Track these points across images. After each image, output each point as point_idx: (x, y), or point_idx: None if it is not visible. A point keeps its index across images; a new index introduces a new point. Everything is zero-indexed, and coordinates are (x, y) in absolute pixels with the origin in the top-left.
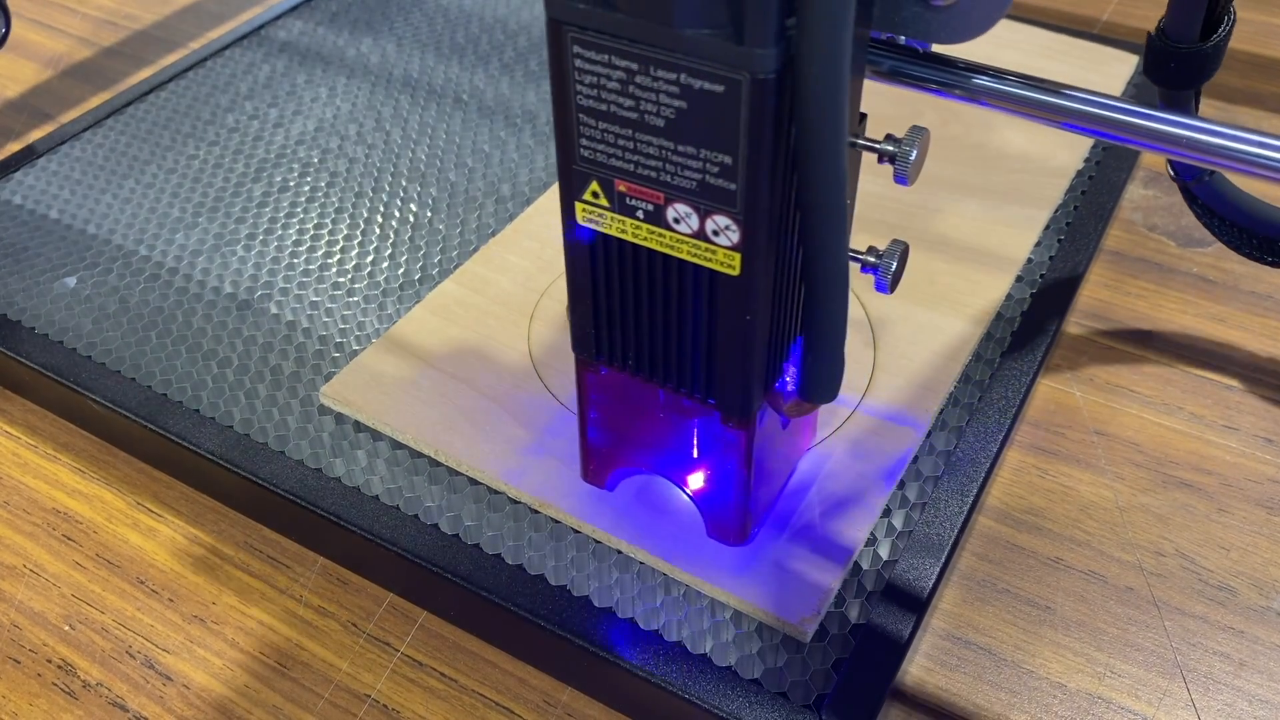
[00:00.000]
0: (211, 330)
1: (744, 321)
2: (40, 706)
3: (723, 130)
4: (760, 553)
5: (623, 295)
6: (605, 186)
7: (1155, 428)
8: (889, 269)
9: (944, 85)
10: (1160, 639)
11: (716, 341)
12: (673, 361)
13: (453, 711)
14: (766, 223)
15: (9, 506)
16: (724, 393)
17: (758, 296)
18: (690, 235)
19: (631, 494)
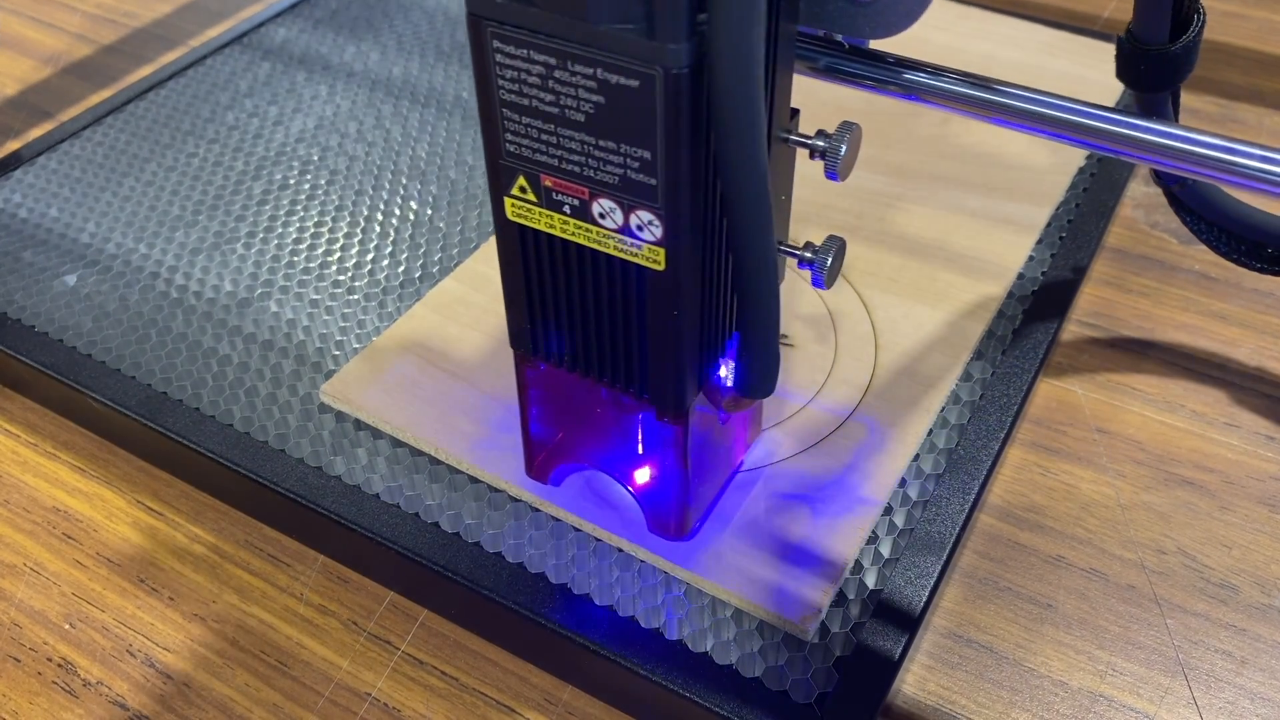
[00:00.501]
0: (211, 328)
1: (672, 317)
2: (40, 705)
3: (640, 125)
4: (761, 551)
5: (555, 290)
6: (532, 181)
7: (1157, 425)
8: (824, 264)
9: (878, 82)
10: (1162, 637)
11: (647, 337)
12: (606, 357)
13: (454, 710)
14: (689, 218)
15: (9, 505)
16: (657, 389)
17: (684, 292)
18: (616, 230)
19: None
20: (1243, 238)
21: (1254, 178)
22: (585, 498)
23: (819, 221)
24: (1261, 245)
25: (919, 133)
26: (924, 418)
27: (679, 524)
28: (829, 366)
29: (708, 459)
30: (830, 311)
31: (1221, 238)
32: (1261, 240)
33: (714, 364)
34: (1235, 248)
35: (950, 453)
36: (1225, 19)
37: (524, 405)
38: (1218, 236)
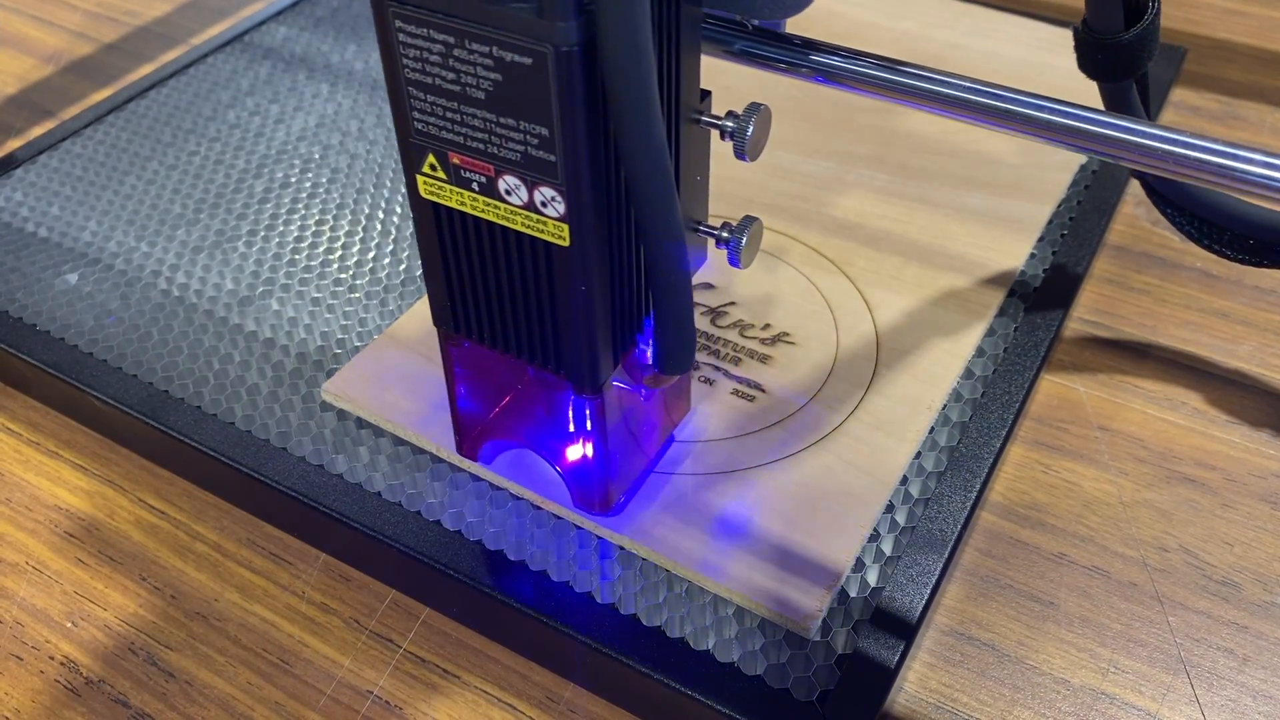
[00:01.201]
0: (213, 327)
1: (580, 292)
2: (42, 703)
3: (536, 102)
4: (762, 549)
5: (470, 267)
6: (441, 159)
7: (1159, 423)
8: (739, 244)
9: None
10: (1164, 635)
11: (559, 313)
12: (522, 333)
13: (455, 707)
14: (590, 193)
15: (11, 503)
16: (573, 364)
17: (591, 267)
18: (522, 207)
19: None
20: (1221, 227)
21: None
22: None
23: (819, 220)
24: (1241, 237)
25: (920, 131)
26: (925, 415)
27: (603, 499)
28: (830, 364)
29: (631, 435)
30: (831, 310)
31: (1200, 228)
32: (1240, 230)
33: (631, 340)
34: (1213, 236)
35: (952, 450)
36: (1226, 16)
37: (451, 383)
38: (1197, 227)
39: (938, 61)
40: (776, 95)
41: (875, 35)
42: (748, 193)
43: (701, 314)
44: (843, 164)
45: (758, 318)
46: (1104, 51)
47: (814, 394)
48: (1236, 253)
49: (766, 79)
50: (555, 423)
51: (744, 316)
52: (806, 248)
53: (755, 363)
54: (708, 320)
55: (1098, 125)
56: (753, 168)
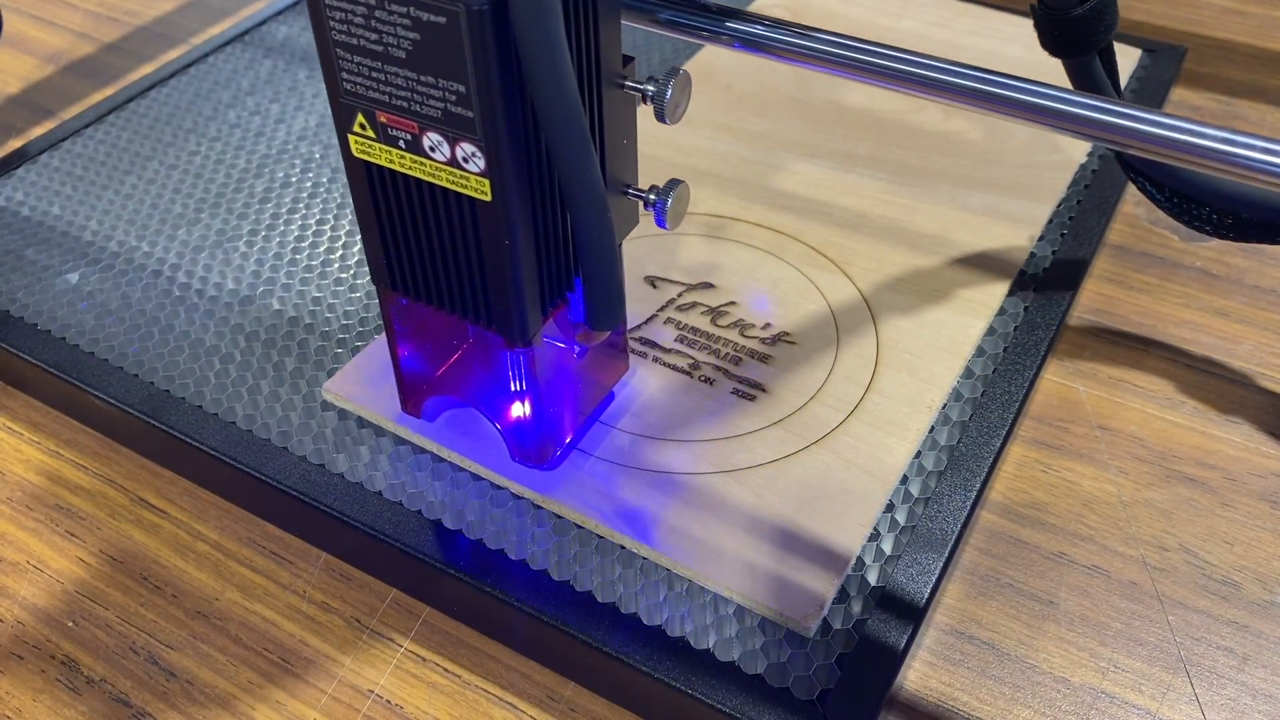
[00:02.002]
0: (214, 326)
1: (504, 246)
2: (43, 703)
3: (453, 61)
4: (762, 548)
5: (402, 224)
6: (369, 118)
7: (1158, 422)
8: (665, 205)
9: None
10: (1164, 634)
11: (485, 267)
12: (454, 288)
13: (456, 707)
14: (509, 148)
15: (12, 502)
16: (501, 318)
17: (513, 220)
18: (445, 163)
19: (631, 490)
20: (1192, 199)
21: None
22: (588, 495)
23: (819, 220)
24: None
25: (921, 131)
26: (925, 414)
27: (538, 451)
28: (831, 363)
29: (565, 389)
30: (832, 309)
31: (1173, 200)
32: (1210, 203)
33: (560, 297)
34: (1185, 210)
35: (952, 449)
36: (1225, 15)
37: (392, 341)
38: (1169, 199)
39: None
40: (776, 96)
41: (875, 35)
42: (747, 192)
43: (701, 313)
44: (843, 164)
45: (758, 317)
46: (1060, 27)
47: (814, 393)
48: (1215, 229)
49: (767, 80)
50: (493, 379)
51: (744, 316)
52: (807, 247)
53: (756, 362)
54: (708, 320)
55: (1057, 102)
56: (753, 168)
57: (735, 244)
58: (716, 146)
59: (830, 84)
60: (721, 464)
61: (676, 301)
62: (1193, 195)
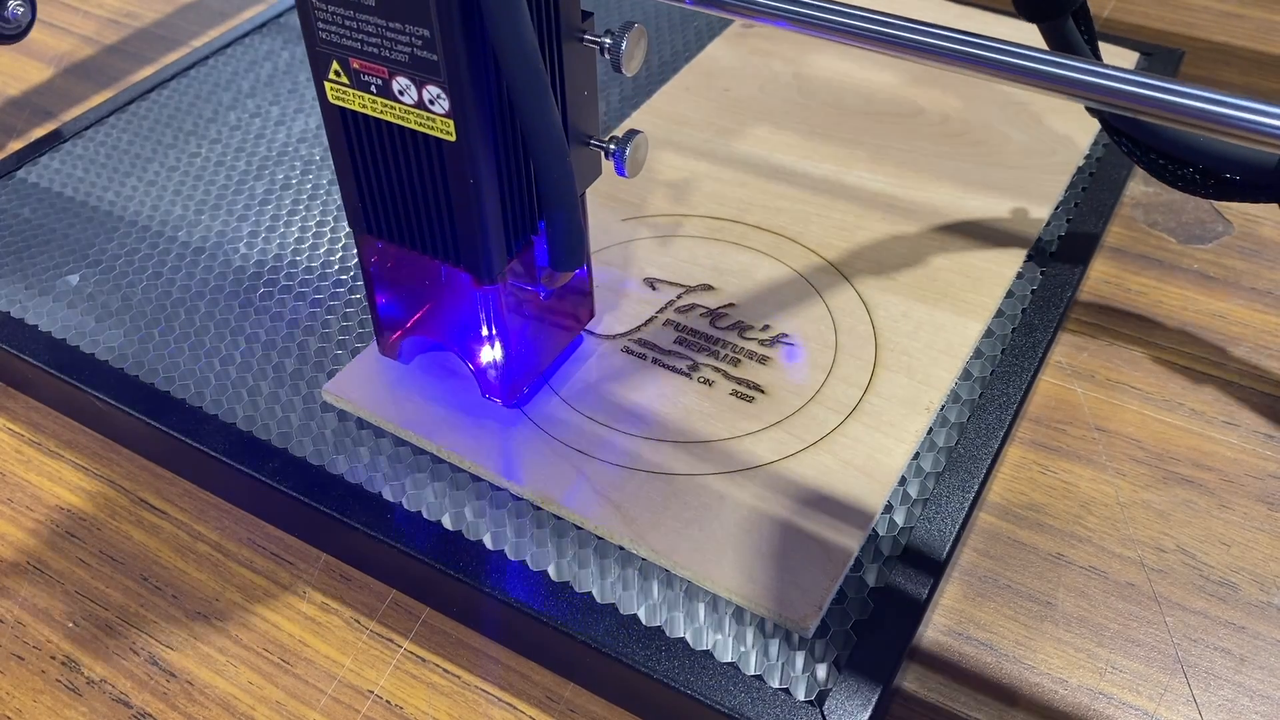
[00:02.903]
0: (214, 328)
1: (469, 185)
2: (44, 703)
3: (418, 7)
4: (761, 549)
5: (375, 168)
6: (344, 65)
7: (1156, 423)
8: (624, 154)
9: None
10: (1161, 635)
11: (453, 206)
12: (424, 229)
13: (455, 707)
14: (471, 90)
15: (12, 503)
16: (468, 255)
17: (477, 159)
18: (414, 106)
19: (630, 491)
20: (1175, 159)
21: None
22: (588, 496)
23: (818, 223)
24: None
25: (919, 133)
26: (923, 416)
27: (508, 389)
28: (829, 365)
29: (532, 330)
30: (830, 311)
31: (1156, 162)
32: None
33: (525, 238)
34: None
35: (950, 451)
36: (1223, 19)
37: (369, 285)
38: (1153, 161)
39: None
40: (775, 99)
41: None
42: (746, 194)
43: (700, 315)
44: (841, 166)
45: (757, 319)
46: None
47: (813, 395)
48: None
49: (766, 83)
50: (464, 320)
51: (743, 318)
52: (805, 249)
53: (754, 364)
54: (707, 321)
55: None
56: (752, 171)
57: (734, 246)
58: (716, 149)
59: (830, 86)
60: (720, 465)
61: (676, 303)
62: (1175, 155)
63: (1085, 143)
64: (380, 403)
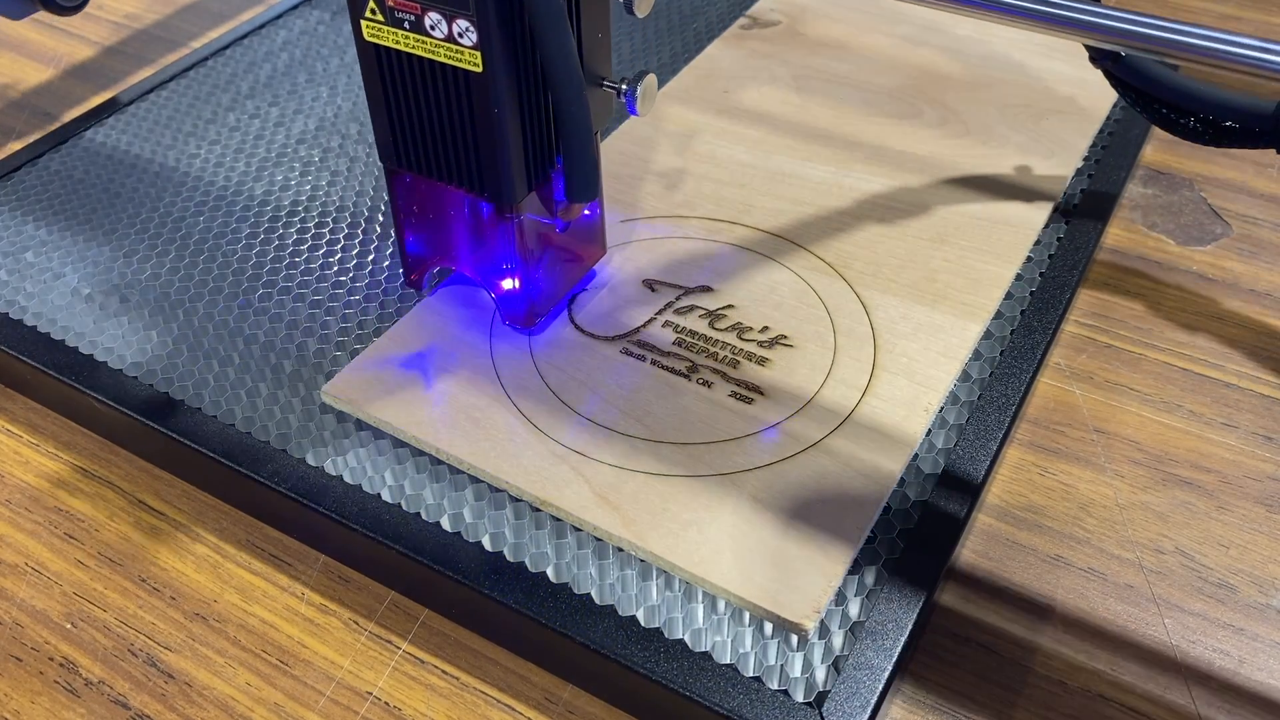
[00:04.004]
0: (213, 329)
1: (493, 113)
2: (42, 704)
3: None
4: (760, 550)
5: (406, 102)
6: (379, 3)
7: (1155, 425)
8: (635, 93)
9: None
10: (1160, 636)
11: (479, 136)
12: (451, 160)
13: (454, 709)
14: (497, 22)
15: (10, 504)
16: (491, 183)
17: (501, 89)
18: (444, 40)
19: (630, 492)
20: (1176, 109)
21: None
22: (587, 497)
23: (817, 224)
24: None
25: (918, 134)
26: (922, 418)
27: (526, 314)
28: (828, 367)
29: (549, 259)
30: (829, 312)
31: (1157, 110)
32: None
33: (543, 172)
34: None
35: (949, 453)
36: (1221, 21)
37: (397, 219)
38: (1154, 109)
39: (933, 66)
40: (774, 100)
41: (872, 40)
42: (745, 196)
43: (699, 316)
44: (840, 168)
45: (756, 320)
46: None
47: (811, 396)
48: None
49: (765, 83)
50: (485, 251)
51: (742, 319)
52: (804, 251)
53: (753, 365)
54: (706, 323)
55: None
56: (750, 172)
57: (733, 247)
58: (715, 150)
59: (828, 87)
60: (719, 467)
61: (675, 305)
62: (1177, 105)
63: (1084, 145)
64: (379, 404)
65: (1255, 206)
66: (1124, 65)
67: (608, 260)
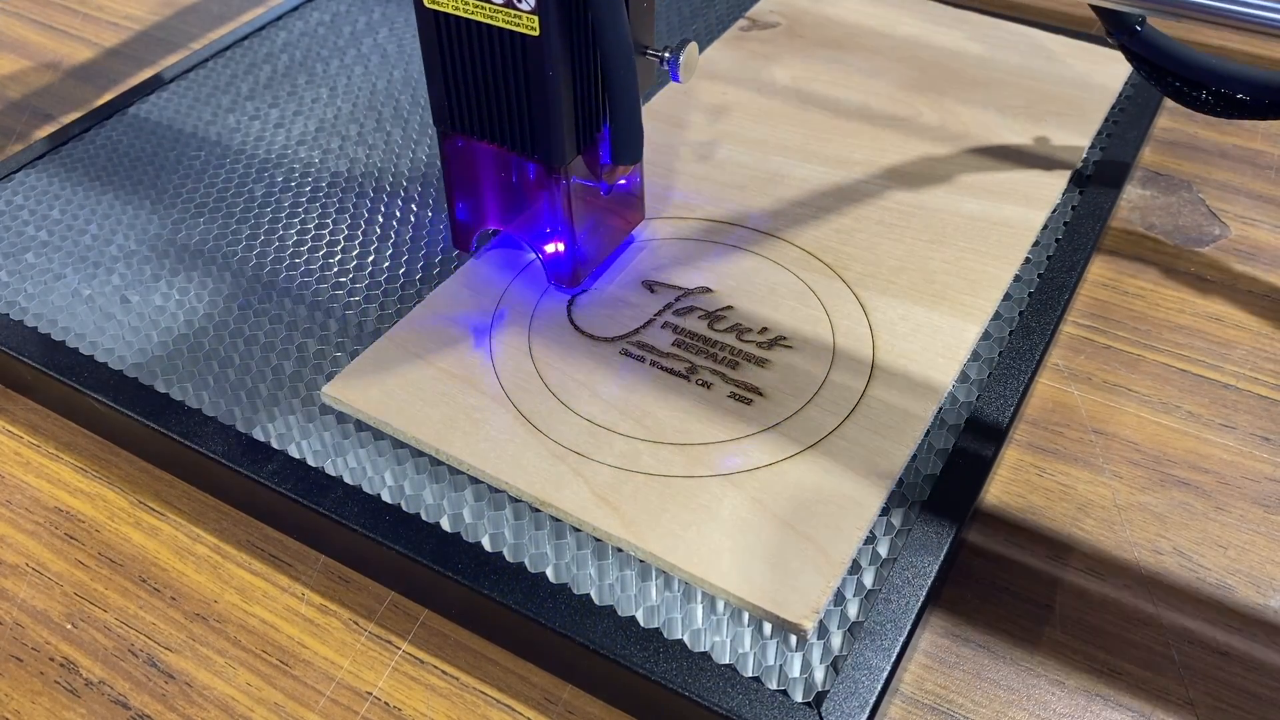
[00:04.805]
0: (213, 330)
1: (547, 76)
2: (42, 705)
3: None
4: (759, 550)
5: (462, 66)
6: None
7: (1153, 426)
8: (678, 61)
9: None
10: (1158, 636)
11: (532, 97)
12: (503, 122)
13: (454, 709)
14: None
15: (11, 505)
16: (542, 143)
17: (555, 52)
18: (502, 4)
19: (629, 493)
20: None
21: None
22: (587, 498)
23: (815, 225)
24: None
25: (917, 136)
26: (921, 419)
27: (571, 274)
28: (826, 368)
29: (594, 221)
30: (828, 313)
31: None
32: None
33: (591, 136)
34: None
35: (947, 454)
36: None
37: (449, 182)
38: (1167, 83)
39: (932, 67)
40: (773, 101)
41: (873, 41)
42: (744, 197)
43: (699, 317)
44: (838, 169)
45: (755, 322)
46: None
47: (810, 398)
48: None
49: (764, 84)
50: (533, 213)
51: (741, 320)
52: (803, 252)
53: (752, 366)
54: (705, 324)
55: None
56: (749, 173)
57: (732, 248)
58: (713, 152)
59: (827, 88)
60: (718, 467)
61: (674, 306)
62: (1191, 79)
63: (1082, 146)
64: (379, 404)
65: (1253, 208)
66: (1140, 39)
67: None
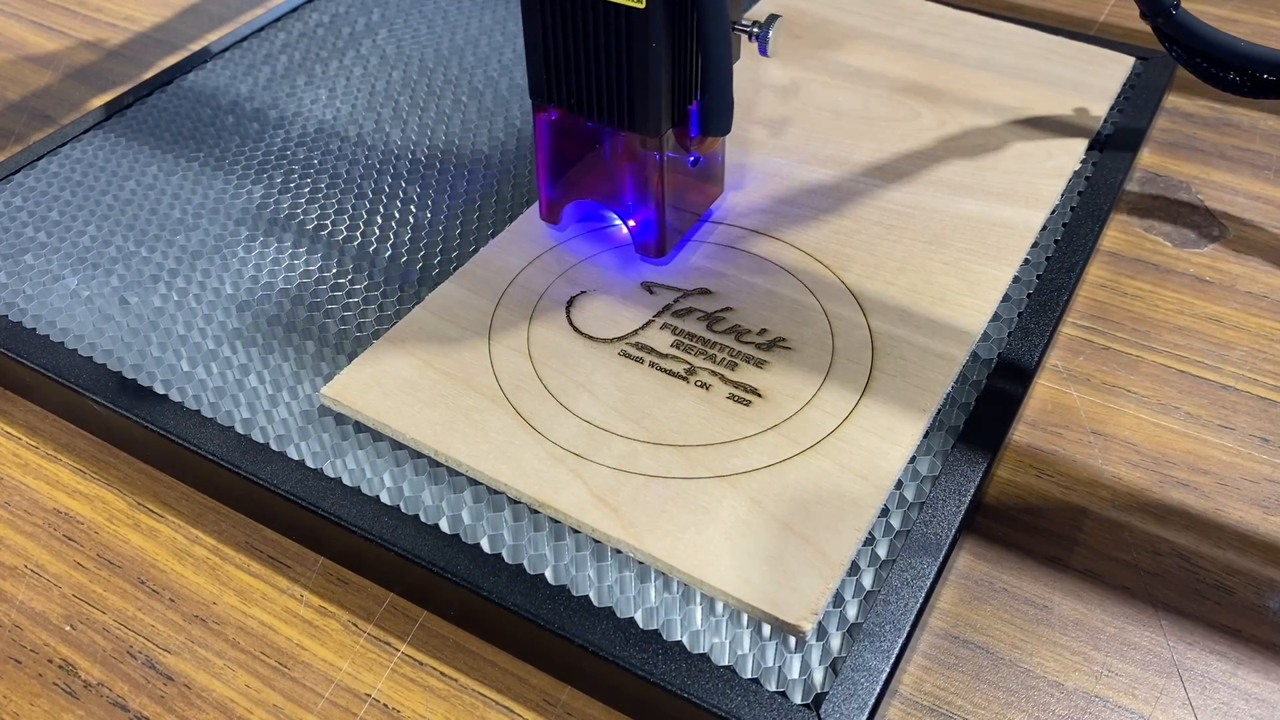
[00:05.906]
0: (212, 331)
1: (650, 48)
2: (41, 706)
3: None
4: (758, 552)
5: (563, 41)
6: None
7: (1152, 427)
8: (768, 35)
9: None
10: (1157, 638)
11: (633, 71)
12: (600, 95)
13: (453, 710)
14: None
15: (10, 507)
16: (640, 114)
17: (659, 25)
18: None
19: (628, 494)
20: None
21: None
22: (587, 499)
23: (815, 226)
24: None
25: (916, 137)
26: (920, 420)
27: (658, 244)
28: (825, 369)
29: (681, 193)
30: (827, 314)
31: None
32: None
33: (684, 108)
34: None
35: (946, 455)
36: (1219, 24)
37: (540, 154)
38: (1196, 64)
39: (931, 68)
40: (772, 102)
41: (870, 42)
42: (744, 198)
43: (698, 319)
44: (838, 170)
45: (754, 323)
46: None
47: (810, 398)
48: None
49: (763, 86)
50: (623, 184)
51: (740, 322)
52: (802, 253)
53: (751, 368)
54: (704, 325)
55: None
56: (748, 174)
57: (731, 250)
58: None
59: (826, 89)
60: (717, 469)
61: (673, 307)
62: (1219, 60)
63: (1081, 148)
64: (378, 406)
65: (1252, 209)
66: (1173, 22)
67: (608, 263)
